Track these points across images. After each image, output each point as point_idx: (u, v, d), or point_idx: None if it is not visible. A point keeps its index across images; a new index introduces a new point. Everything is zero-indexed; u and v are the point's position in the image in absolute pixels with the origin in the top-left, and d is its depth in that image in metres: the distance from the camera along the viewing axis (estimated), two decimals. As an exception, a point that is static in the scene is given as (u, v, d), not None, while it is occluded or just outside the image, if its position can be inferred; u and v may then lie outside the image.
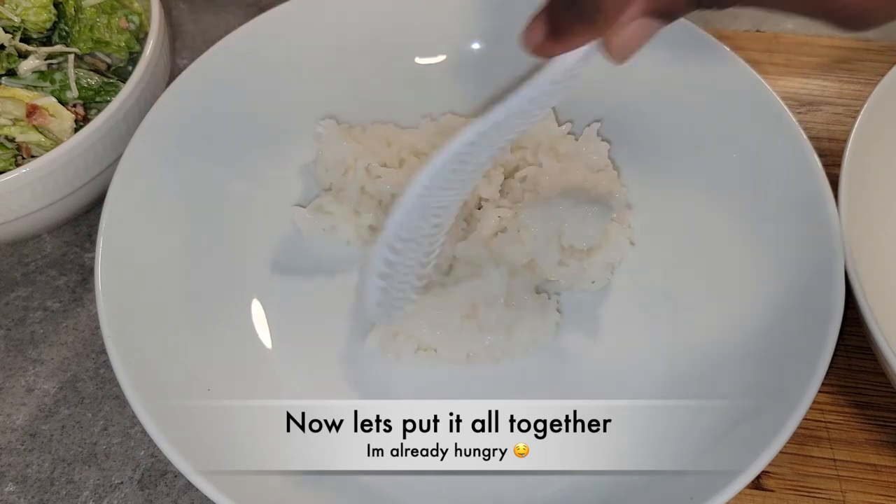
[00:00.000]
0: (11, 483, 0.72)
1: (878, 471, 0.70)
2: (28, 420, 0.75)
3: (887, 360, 0.64)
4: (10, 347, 0.79)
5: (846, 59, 0.98)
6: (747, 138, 0.78)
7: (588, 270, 0.75)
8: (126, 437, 0.74)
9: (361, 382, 0.73)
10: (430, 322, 0.72)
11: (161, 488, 0.71)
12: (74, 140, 0.73)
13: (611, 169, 0.81)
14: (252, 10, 1.06)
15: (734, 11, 1.04)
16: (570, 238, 0.73)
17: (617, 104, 0.86)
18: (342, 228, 0.79)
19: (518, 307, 0.72)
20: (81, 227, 0.87)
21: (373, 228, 0.79)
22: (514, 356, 0.74)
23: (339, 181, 0.79)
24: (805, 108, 0.94)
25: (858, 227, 0.71)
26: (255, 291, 0.77)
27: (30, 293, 0.83)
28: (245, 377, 0.71)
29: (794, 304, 0.68)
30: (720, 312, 0.73)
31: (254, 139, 0.83)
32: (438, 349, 0.73)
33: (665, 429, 0.68)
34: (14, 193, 0.72)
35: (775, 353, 0.67)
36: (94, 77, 0.82)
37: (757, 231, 0.75)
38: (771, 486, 0.69)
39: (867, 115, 0.76)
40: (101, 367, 0.78)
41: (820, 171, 0.71)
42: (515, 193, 0.78)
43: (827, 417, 0.73)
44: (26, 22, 0.82)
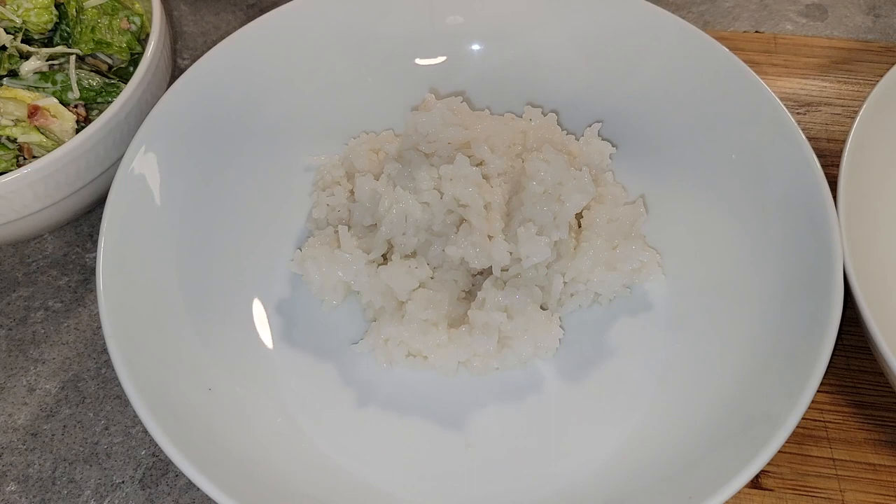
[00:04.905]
0: (13, 482, 0.72)
1: (876, 470, 0.70)
2: (30, 419, 0.75)
3: (886, 359, 0.64)
4: (12, 347, 0.79)
5: (845, 60, 0.98)
6: (746, 139, 0.78)
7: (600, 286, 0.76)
8: (127, 437, 0.74)
9: (361, 383, 0.73)
10: (419, 327, 0.72)
11: (162, 487, 0.71)
12: (76, 141, 0.73)
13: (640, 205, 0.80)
14: (253, 10, 1.07)
15: (734, 12, 1.05)
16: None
17: (617, 105, 0.86)
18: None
19: (519, 319, 0.72)
20: (83, 227, 0.87)
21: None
22: (511, 367, 0.74)
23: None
24: (804, 109, 0.94)
25: (857, 228, 0.71)
26: (256, 291, 0.78)
27: (31, 293, 0.83)
28: (246, 377, 0.72)
29: (793, 303, 0.69)
30: (719, 312, 0.74)
31: (254, 139, 0.83)
32: (429, 356, 0.73)
33: (665, 428, 0.69)
34: (16, 194, 0.73)
35: (775, 352, 0.67)
36: (95, 78, 0.82)
37: (756, 231, 0.75)
38: (770, 486, 0.70)
39: (866, 116, 0.76)
40: (102, 367, 0.78)
41: (819, 172, 0.72)
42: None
43: (826, 417, 0.73)
44: (28, 23, 0.82)
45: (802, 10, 1.06)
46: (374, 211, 0.76)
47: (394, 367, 0.73)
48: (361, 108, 0.87)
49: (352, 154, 0.82)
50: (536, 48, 0.88)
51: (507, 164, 0.78)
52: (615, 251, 0.75)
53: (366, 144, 0.83)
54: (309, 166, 0.85)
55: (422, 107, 0.80)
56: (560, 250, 0.74)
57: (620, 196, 0.80)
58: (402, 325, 0.72)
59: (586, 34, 0.87)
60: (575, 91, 0.87)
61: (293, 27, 0.85)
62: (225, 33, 0.82)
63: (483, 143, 0.77)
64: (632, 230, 0.77)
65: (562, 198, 0.73)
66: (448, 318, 0.74)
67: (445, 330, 0.72)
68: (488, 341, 0.71)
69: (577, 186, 0.73)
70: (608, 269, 0.75)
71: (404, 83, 0.88)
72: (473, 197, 0.73)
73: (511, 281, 0.74)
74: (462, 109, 0.79)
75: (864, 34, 1.03)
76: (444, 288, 0.74)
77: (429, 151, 0.77)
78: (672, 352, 0.73)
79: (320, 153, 0.85)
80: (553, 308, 0.75)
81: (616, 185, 0.81)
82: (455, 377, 0.73)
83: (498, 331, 0.71)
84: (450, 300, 0.74)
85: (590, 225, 0.76)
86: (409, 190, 0.74)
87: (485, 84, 0.89)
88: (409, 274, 0.73)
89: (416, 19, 0.88)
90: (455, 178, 0.74)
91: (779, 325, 0.69)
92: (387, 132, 0.86)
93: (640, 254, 0.75)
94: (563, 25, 0.87)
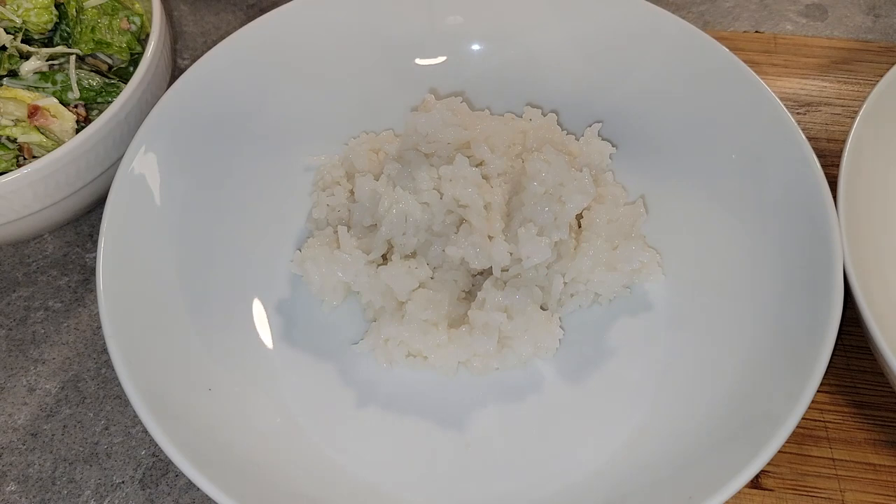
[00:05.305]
0: (13, 482, 0.72)
1: (876, 470, 0.70)
2: (30, 420, 0.75)
3: (886, 359, 0.64)
4: (12, 347, 0.79)
5: (845, 60, 0.98)
6: (746, 139, 0.78)
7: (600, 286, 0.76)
8: (127, 437, 0.74)
9: (361, 383, 0.73)
10: (419, 327, 0.72)
11: (162, 487, 0.71)
12: (76, 141, 0.73)
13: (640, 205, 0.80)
14: (253, 11, 1.07)
15: (734, 12, 1.05)
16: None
17: (617, 105, 0.86)
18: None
19: (519, 319, 0.72)
20: (83, 227, 0.87)
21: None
22: (510, 367, 0.74)
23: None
24: (804, 109, 0.94)
25: (857, 227, 0.71)
26: (256, 292, 0.78)
27: (31, 293, 0.83)
28: (246, 377, 0.72)
29: (793, 303, 0.69)
30: (719, 312, 0.74)
31: (254, 139, 0.83)
32: (429, 356, 0.72)
33: (665, 428, 0.69)
34: (16, 194, 0.73)
35: (775, 352, 0.67)
36: (95, 78, 0.82)
37: (756, 231, 0.75)
38: (770, 486, 0.70)
39: (866, 116, 0.76)
40: (102, 367, 0.78)
41: (819, 172, 0.72)
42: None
43: (826, 417, 0.73)
44: (28, 23, 0.82)
45: (802, 10, 1.06)
46: (374, 211, 0.76)
47: (394, 367, 0.73)
48: (361, 108, 0.87)
49: (352, 154, 0.82)
50: (536, 48, 0.88)
51: (507, 165, 0.78)
52: (615, 251, 0.75)
53: (366, 144, 0.83)
54: (309, 166, 0.85)
55: (422, 107, 0.80)
56: (560, 250, 0.74)
57: (620, 196, 0.80)
58: (402, 325, 0.72)
59: (586, 34, 0.87)
60: (575, 91, 0.87)
61: (293, 27, 0.85)
62: (225, 33, 0.82)
63: (483, 144, 0.77)
64: (632, 230, 0.77)
65: (562, 198, 0.73)
66: (448, 319, 0.74)
67: (445, 330, 0.72)
68: (488, 341, 0.71)
69: (578, 187, 0.73)
70: (608, 270, 0.75)
71: (404, 83, 0.88)
72: (473, 197, 0.73)
73: (511, 281, 0.74)
74: (462, 109, 0.79)
75: (864, 34, 1.03)
76: (444, 288, 0.74)
77: (429, 152, 0.77)
78: (672, 352, 0.73)
79: (320, 153, 0.85)
80: (553, 308, 0.75)
81: (616, 185, 0.81)
82: (455, 377, 0.73)
83: (498, 331, 0.71)
84: (450, 300, 0.74)
85: (590, 225, 0.76)
86: (409, 190, 0.74)
87: (485, 84, 0.89)
88: (409, 274, 0.73)
89: (416, 19, 0.88)
90: (455, 178, 0.74)
91: (779, 325, 0.69)
92: (387, 132, 0.86)
93: (640, 254, 0.75)
94: (563, 25, 0.87)
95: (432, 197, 0.74)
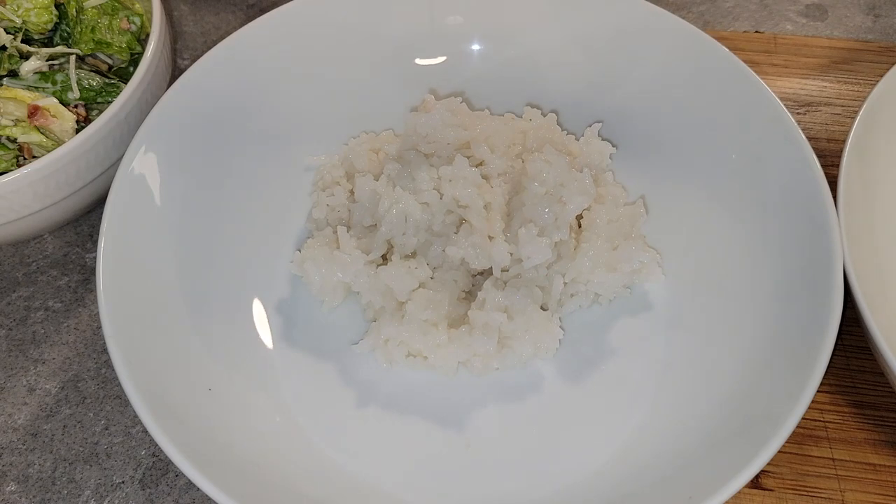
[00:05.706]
0: (13, 482, 0.72)
1: (876, 470, 0.70)
2: (30, 420, 0.75)
3: (886, 359, 0.64)
4: (12, 347, 0.79)
5: (844, 60, 0.98)
6: (746, 139, 0.78)
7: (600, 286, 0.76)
8: (127, 437, 0.74)
9: (362, 383, 0.73)
10: (419, 327, 0.72)
11: (162, 487, 0.71)
12: (76, 141, 0.73)
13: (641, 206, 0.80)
14: (253, 11, 1.07)
15: (734, 12, 1.05)
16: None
17: (617, 105, 0.86)
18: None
19: (519, 319, 0.72)
20: (83, 227, 0.87)
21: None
22: (510, 368, 0.74)
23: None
24: (804, 109, 0.94)
25: (857, 227, 0.71)
26: (256, 291, 0.78)
27: (31, 293, 0.83)
28: (246, 377, 0.72)
29: (793, 303, 0.69)
30: (719, 312, 0.74)
31: (254, 139, 0.83)
32: (429, 356, 0.72)
33: (665, 428, 0.69)
34: (16, 194, 0.73)
35: (775, 352, 0.67)
36: (95, 78, 0.82)
37: (756, 231, 0.75)
38: (770, 486, 0.70)
39: (865, 116, 0.76)
40: (102, 367, 0.78)
41: (819, 172, 0.72)
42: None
43: (826, 417, 0.73)
44: (28, 23, 0.82)
45: (802, 10, 1.06)
46: (373, 211, 0.76)
47: (394, 367, 0.73)
48: (361, 108, 0.87)
49: (352, 154, 0.82)
50: (536, 48, 0.88)
51: (507, 165, 0.78)
52: (615, 252, 0.75)
53: (366, 144, 0.83)
54: (309, 166, 0.85)
55: (421, 107, 0.80)
56: (560, 251, 0.74)
57: (620, 196, 0.80)
58: (402, 325, 0.72)
59: (586, 34, 0.87)
60: (575, 91, 0.87)
61: (293, 27, 0.85)
62: (225, 33, 0.82)
63: (483, 144, 0.77)
64: (632, 231, 0.77)
65: (563, 199, 0.73)
66: (448, 319, 0.74)
67: (445, 330, 0.72)
68: (488, 341, 0.71)
69: (579, 188, 0.73)
70: (608, 270, 0.75)
71: (404, 83, 0.88)
72: (473, 197, 0.73)
73: (511, 281, 0.74)
74: (462, 110, 0.79)
75: (864, 34, 1.03)
76: (444, 288, 0.74)
77: (428, 152, 0.77)
78: (672, 352, 0.73)
79: (320, 153, 0.85)
80: (553, 308, 0.75)
81: (616, 185, 0.81)
82: (455, 377, 0.73)
83: (498, 331, 0.71)
84: (450, 300, 0.74)
85: (590, 225, 0.76)
86: (409, 190, 0.74)
87: (485, 84, 0.89)
88: (409, 274, 0.73)
89: (416, 19, 0.88)
90: (455, 178, 0.74)
91: (779, 325, 0.69)
92: (387, 132, 0.86)
93: (640, 254, 0.75)
94: (563, 25, 0.87)
95: (432, 197, 0.74)
